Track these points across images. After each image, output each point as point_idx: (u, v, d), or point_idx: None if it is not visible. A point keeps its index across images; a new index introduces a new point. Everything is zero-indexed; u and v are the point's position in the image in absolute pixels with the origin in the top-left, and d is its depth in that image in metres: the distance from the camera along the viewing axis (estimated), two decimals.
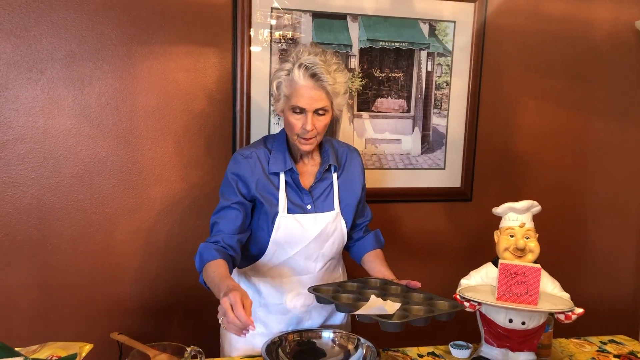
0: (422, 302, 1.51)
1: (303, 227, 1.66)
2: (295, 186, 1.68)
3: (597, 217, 2.66)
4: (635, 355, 1.77)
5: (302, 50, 1.57)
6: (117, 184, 2.11)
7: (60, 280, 2.10)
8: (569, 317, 1.52)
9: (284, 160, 1.66)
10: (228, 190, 1.66)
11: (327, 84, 1.54)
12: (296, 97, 1.55)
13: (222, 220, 1.64)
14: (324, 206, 1.71)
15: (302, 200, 1.68)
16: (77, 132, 2.06)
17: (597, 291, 2.71)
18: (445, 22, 2.29)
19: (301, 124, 1.57)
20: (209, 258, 1.55)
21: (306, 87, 1.54)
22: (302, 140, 1.60)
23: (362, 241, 1.85)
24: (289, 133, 1.63)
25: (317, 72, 1.53)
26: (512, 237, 1.59)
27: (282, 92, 1.59)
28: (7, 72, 1.96)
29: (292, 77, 1.55)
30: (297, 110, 1.56)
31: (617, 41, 2.52)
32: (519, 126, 2.48)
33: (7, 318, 2.05)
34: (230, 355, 1.77)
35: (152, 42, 2.08)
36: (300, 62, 1.54)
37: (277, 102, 1.62)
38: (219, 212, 1.66)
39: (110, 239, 2.13)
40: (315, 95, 1.54)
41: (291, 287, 1.74)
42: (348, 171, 1.76)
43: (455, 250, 2.47)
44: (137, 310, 2.19)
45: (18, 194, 2.02)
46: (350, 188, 1.76)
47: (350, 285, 1.61)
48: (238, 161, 1.66)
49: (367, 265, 1.80)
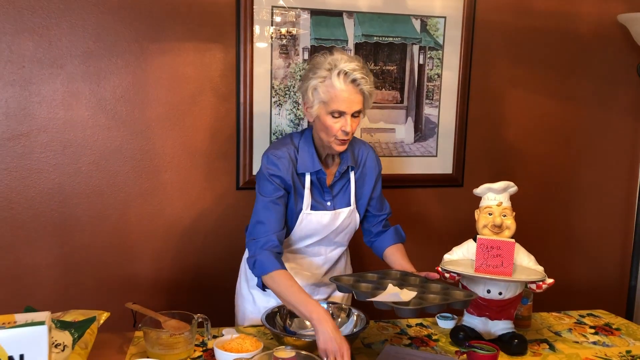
0: (438, 292, 1.53)
1: (323, 223, 1.76)
2: (319, 184, 1.75)
3: (583, 201, 2.74)
4: (610, 326, 1.89)
5: (338, 58, 1.60)
6: (131, 170, 2.21)
7: (79, 258, 2.20)
8: (539, 287, 1.64)
9: (312, 161, 1.71)
10: (267, 187, 1.69)
11: (365, 89, 1.61)
12: (336, 101, 1.58)
13: (268, 219, 1.67)
14: (341, 202, 1.79)
15: (323, 197, 1.76)
16: (94, 123, 2.15)
17: (583, 272, 2.79)
18: (436, 18, 2.39)
19: (339, 127, 1.61)
20: (273, 268, 1.59)
21: (346, 91, 1.58)
22: (338, 142, 1.64)
23: (383, 236, 1.88)
24: (325, 135, 1.65)
25: (357, 78, 1.58)
26: (490, 215, 1.69)
27: (319, 98, 1.61)
28: (31, 68, 2.06)
29: (331, 83, 1.58)
30: (336, 114, 1.60)
31: (600, 34, 2.58)
32: (507, 115, 2.56)
33: (32, 292, 2.16)
34: (242, 324, 1.89)
35: (162, 39, 2.16)
36: (341, 68, 1.57)
37: (310, 108, 1.64)
38: (262, 211, 1.68)
39: (124, 220, 2.22)
40: (354, 99, 1.60)
41: (304, 267, 1.85)
42: (364, 168, 1.82)
43: (446, 232, 2.54)
44: (149, 286, 2.29)
45: (41, 179, 2.13)
46: (365, 184, 1.83)
47: (371, 275, 1.64)
48: (273, 161, 1.69)
49: (388, 259, 1.83)
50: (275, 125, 2.30)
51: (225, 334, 1.62)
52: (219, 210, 2.31)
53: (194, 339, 1.59)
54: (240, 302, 1.93)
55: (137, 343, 1.63)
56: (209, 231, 2.33)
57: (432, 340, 1.73)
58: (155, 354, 1.51)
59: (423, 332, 1.79)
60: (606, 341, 1.75)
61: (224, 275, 2.30)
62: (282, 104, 2.29)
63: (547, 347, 1.69)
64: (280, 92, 2.28)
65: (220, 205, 2.31)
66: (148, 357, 1.47)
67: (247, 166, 2.29)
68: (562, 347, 1.70)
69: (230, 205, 2.32)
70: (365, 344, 1.67)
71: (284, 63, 2.27)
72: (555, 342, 1.74)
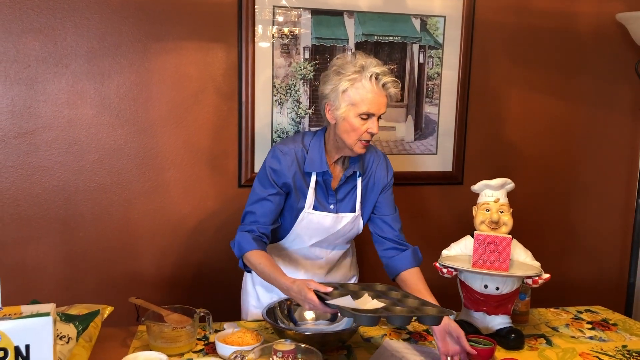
0: (411, 305, 1.42)
1: (324, 225, 1.77)
2: (324, 186, 1.75)
3: (582, 198, 2.75)
4: (607, 322, 1.90)
5: (368, 61, 1.61)
6: (134, 168, 2.23)
7: (83, 255, 2.23)
8: (535, 282, 1.66)
9: (320, 161, 1.71)
10: (265, 181, 1.72)
11: (392, 92, 1.63)
12: (367, 104, 1.59)
13: (258, 211, 1.72)
14: (346, 207, 1.79)
15: (327, 200, 1.77)
16: (99, 121, 2.17)
17: (582, 269, 2.81)
18: (435, 17, 2.41)
19: (366, 128, 1.62)
20: (249, 248, 1.65)
21: (377, 94, 1.59)
22: (362, 144, 1.65)
23: (401, 256, 1.79)
24: (349, 138, 1.64)
25: (386, 82, 1.60)
26: (487, 211, 1.71)
27: (348, 100, 1.60)
28: (36, 67, 2.09)
29: (362, 85, 1.59)
30: (364, 116, 1.60)
31: (599, 33, 2.60)
32: (507, 114, 2.58)
33: (37, 287, 2.19)
34: (246, 319, 1.93)
35: (166, 38, 2.19)
36: (372, 71, 1.58)
37: (336, 110, 1.63)
38: (255, 202, 1.73)
39: (128, 217, 2.25)
40: (382, 101, 1.61)
41: (307, 268, 1.87)
42: (373, 176, 1.81)
43: (446, 229, 2.55)
44: (153, 281, 2.31)
45: (46, 177, 2.16)
46: (372, 191, 1.82)
47: (353, 286, 1.53)
48: (277, 156, 1.71)
49: (405, 283, 1.74)
50: (277, 123, 2.33)
51: (227, 328, 1.64)
52: (221, 207, 2.34)
53: (195, 332, 1.61)
54: (245, 297, 1.96)
55: (140, 337, 1.65)
56: (211, 228, 2.35)
57: (431, 334, 1.75)
58: (157, 347, 1.53)
59: (421, 327, 1.81)
60: (603, 336, 1.77)
61: (226, 272, 2.33)
62: (284, 102, 2.32)
63: (544, 342, 1.71)
64: (282, 91, 2.31)
65: (223, 202, 2.34)
66: (151, 351, 1.49)
67: (249, 164, 2.32)
68: (559, 341, 1.72)
69: (232, 203, 2.34)
70: (364, 338, 1.70)
71: (285, 62, 2.30)
72: (552, 337, 1.76)
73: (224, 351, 1.50)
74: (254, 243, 1.67)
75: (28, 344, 1.10)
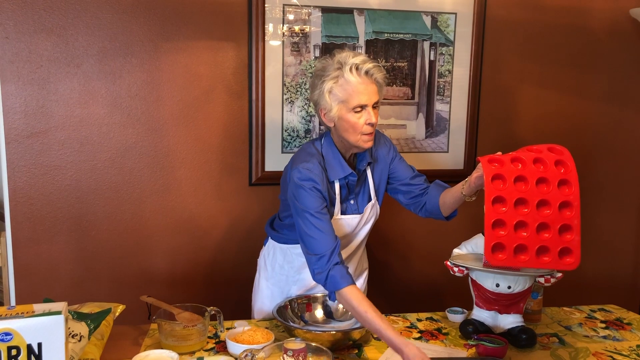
0: None
1: (352, 225, 1.79)
2: (347, 188, 1.74)
3: (596, 197, 2.72)
4: (621, 321, 1.89)
5: (344, 55, 1.60)
6: (145, 167, 2.24)
7: (95, 253, 2.24)
8: (548, 281, 1.65)
9: (341, 167, 1.70)
10: (311, 200, 1.63)
11: (378, 78, 1.62)
12: (356, 96, 1.58)
13: (328, 232, 1.60)
14: (364, 199, 1.80)
15: (347, 199, 1.77)
16: (110, 120, 2.19)
17: (597, 267, 2.78)
18: (446, 14, 2.39)
19: (364, 121, 1.60)
20: (344, 285, 1.53)
21: (363, 83, 1.58)
22: (365, 138, 1.63)
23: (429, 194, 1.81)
24: (351, 135, 1.63)
25: (369, 69, 1.59)
26: None
27: (337, 99, 1.60)
28: (49, 67, 2.10)
29: (346, 80, 1.58)
30: (357, 109, 1.59)
31: (613, 29, 2.57)
32: (519, 111, 2.55)
33: (50, 285, 2.21)
34: (256, 317, 1.93)
35: (176, 38, 2.19)
36: (352, 63, 1.58)
37: (329, 112, 1.62)
38: (314, 225, 1.60)
39: (139, 216, 2.26)
40: (371, 89, 1.60)
41: None
42: (378, 159, 1.82)
43: (457, 228, 2.47)
44: (163, 280, 2.32)
45: (59, 176, 2.17)
46: (382, 174, 1.83)
47: None
48: (308, 176, 1.64)
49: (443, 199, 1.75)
50: (287, 122, 2.33)
51: (237, 327, 1.65)
52: (231, 205, 2.35)
53: (206, 331, 1.62)
54: (258, 296, 1.96)
55: (151, 335, 1.67)
56: (222, 226, 2.36)
57: (442, 333, 1.74)
58: (169, 346, 1.54)
59: (433, 326, 1.80)
60: (617, 335, 1.75)
61: (237, 270, 2.33)
62: (294, 101, 2.32)
63: (557, 341, 1.70)
64: (292, 89, 2.31)
65: (233, 201, 2.34)
66: (162, 349, 1.50)
67: (260, 162, 2.32)
68: (572, 340, 1.71)
69: (243, 201, 2.35)
70: (375, 337, 1.69)
71: (296, 60, 2.29)
72: (565, 336, 1.74)
73: (235, 349, 1.51)
74: (348, 277, 1.56)
75: (40, 342, 1.11)
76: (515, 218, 1.46)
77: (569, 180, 1.44)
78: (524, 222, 1.46)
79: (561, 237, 1.44)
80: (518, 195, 1.46)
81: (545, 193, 1.45)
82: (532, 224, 1.45)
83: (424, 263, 2.57)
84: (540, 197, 1.45)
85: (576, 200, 1.42)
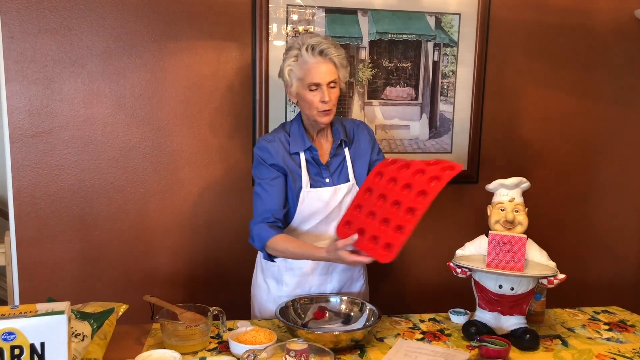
0: None
1: (324, 199, 1.81)
2: (315, 162, 1.82)
3: (601, 197, 2.71)
4: (624, 323, 1.88)
5: (304, 36, 1.75)
6: (150, 166, 2.25)
7: (99, 252, 2.25)
8: (551, 282, 1.64)
9: (302, 140, 1.81)
10: (261, 170, 1.81)
11: (334, 57, 1.72)
12: (310, 75, 1.70)
13: (265, 198, 1.78)
14: (340, 179, 1.85)
15: (321, 175, 1.83)
16: (114, 120, 2.20)
17: (601, 269, 2.77)
18: (450, 15, 2.39)
19: (319, 98, 1.72)
20: (268, 235, 1.72)
21: (317, 63, 1.70)
22: (321, 114, 1.74)
23: None
24: (308, 111, 1.76)
25: (324, 48, 1.70)
26: (502, 210, 1.70)
27: (295, 77, 1.74)
28: (53, 67, 2.11)
29: (303, 59, 1.71)
30: (312, 87, 1.71)
31: (617, 30, 2.55)
32: (523, 112, 2.55)
33: (54, 285, 2.21)
34: (257, 313, 1.94)
35: (180, 38, 2.20)
36: (307, 44, 1.70)
37: (291, 88, 1.77)
38: (259, 193, 1.80)
39: (143, 216, 2.27)
40: (326, 69, 1.71)
41: None
42: (358, 144, 1.90)
43: (461, 229, 2.53)
44: (167, 279, 2.33)
45: (63, 175, 2.18)
46: (362, 159, 1.89)
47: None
48: (263, 145, 1.81)
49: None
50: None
51: (240, 327, 1.65)
52: (235, 205, 2.35)
53: (209, 331, 1.62)
54: (256, 292, 1.98)
55: (154, 334, 1.67)
56: (225, 226, 2.36)
57: (444, 334, 1.74)
58: (171, 345, 1.54)
59: (435, 327, 1.80)
60: (620, 337, 1.75)
61: (240, 270, 2.33)
62: None
63: (560, 343, 1.69)
64: None
65: (237, 201, 2.35)
66: (165, 349, 1.50)
67: None
68: (575, 342, 1.70)
69: (247, 202, 2.33)
70: (377, 337, 1.69)
71: None
72: (568, 337, 1.74)
73: (237, 349, 1.51)
74: (272, 230, 1.73)
75: (43, 342, 1.11)
76: (371, 207, 1.66)
77: (427, 192, 1.56)
78: (374, 212, 1.65)
79: (392, 233, 1.56)
80: (382, 190, 1.66)
81: (402, 195, 1.60)
82: (380, 215, 1.62)
83: (427, 264, 2.57)
84: (396, 197, 1.61)
85: (421, 209, 1.54)
